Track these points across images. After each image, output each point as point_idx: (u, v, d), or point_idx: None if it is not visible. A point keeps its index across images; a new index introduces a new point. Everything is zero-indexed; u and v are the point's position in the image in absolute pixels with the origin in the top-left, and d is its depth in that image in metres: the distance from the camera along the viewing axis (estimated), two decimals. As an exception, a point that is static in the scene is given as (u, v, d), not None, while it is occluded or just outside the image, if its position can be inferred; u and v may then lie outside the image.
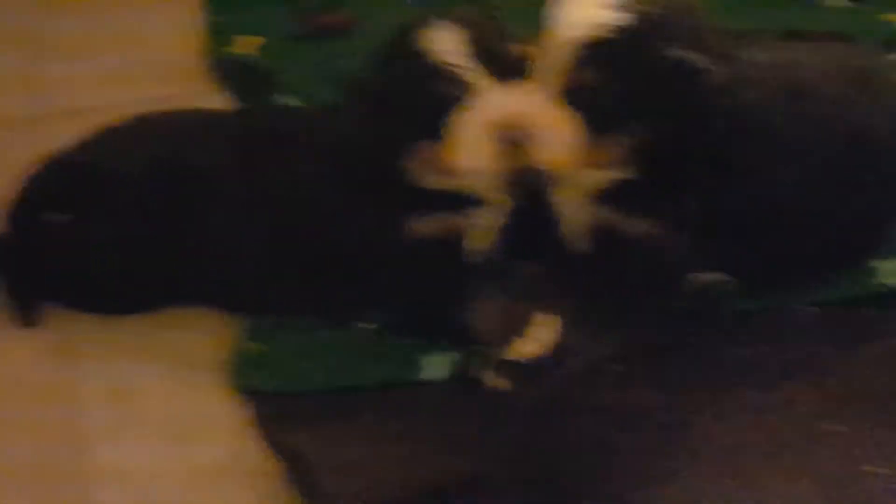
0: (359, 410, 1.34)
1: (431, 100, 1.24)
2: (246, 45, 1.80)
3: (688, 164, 1.25)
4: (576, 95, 1.20)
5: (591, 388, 1.33)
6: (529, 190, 1.36)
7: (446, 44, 1.23)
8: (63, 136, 1.51)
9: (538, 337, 1.36)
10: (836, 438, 1.28)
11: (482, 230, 1.37)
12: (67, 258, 1.42)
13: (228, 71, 1.76)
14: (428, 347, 1.38)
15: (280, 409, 1.35)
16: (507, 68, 1.24)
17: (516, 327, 1.37)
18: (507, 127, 1.21)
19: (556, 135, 1.21)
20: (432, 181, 1.31)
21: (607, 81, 1.19)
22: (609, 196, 1.31)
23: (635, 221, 1.31)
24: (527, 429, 1.30)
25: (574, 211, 1.34)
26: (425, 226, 1.35)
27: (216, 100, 1.71)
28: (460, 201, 1.34)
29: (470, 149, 1.23)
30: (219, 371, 1.39)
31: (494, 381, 1.31)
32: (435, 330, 1.38)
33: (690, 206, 1.28)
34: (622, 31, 1.18)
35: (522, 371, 1.33)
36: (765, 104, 1.29)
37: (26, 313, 1.44)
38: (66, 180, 1.44)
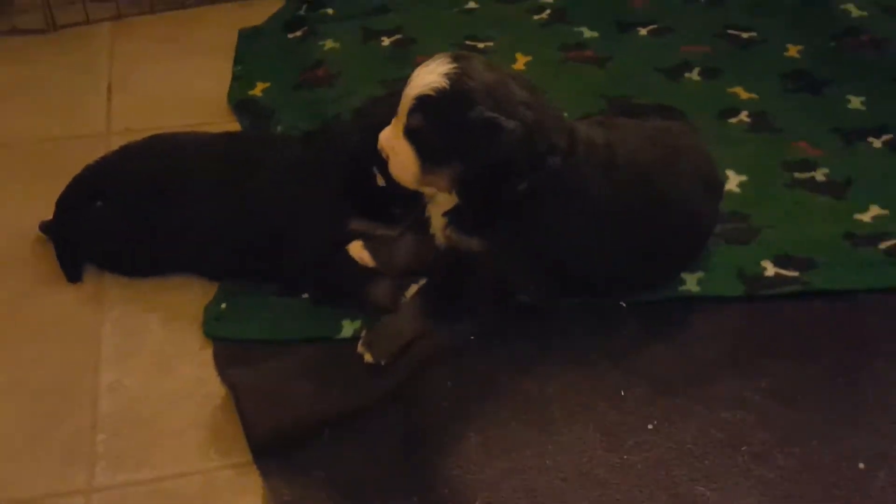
0: (286, 356, 1.75)
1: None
2: (257, 89, 2.35)
3: (495, 198, 1.63)
4: (410, 134, 1.63)
5: (453, 356, 1.73)
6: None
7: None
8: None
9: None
10: (631, 400, 1.68)
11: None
12: (99, 233, 1.93)
13: (242, 107, 2.30)
14: (347, 314, 1.81)
15: (230, 351, 1.78)
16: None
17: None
18: (380, 149, 1.68)
19: (398, 159, 1.65)
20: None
21: (428, 127, 1.61)
22: (451, 218, 1.72)
23: (466, 240, 1.71)
24: (403, 382, 1.69)
25: (436, 226, 1.76)
26: (359, 226, 1.83)
27: (230, 127, 2.23)
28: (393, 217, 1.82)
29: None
30: (198, 321, 1.85)
31: (365, 354, 1.71)
32: (338, 298, 1.84)
33: (508, 232, 1.68)
34: (441, 92, 1.59)
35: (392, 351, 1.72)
36: (583, 172, 1.68)
37: (72, 271, 1.95)
38: (96, 179, 1.96)
